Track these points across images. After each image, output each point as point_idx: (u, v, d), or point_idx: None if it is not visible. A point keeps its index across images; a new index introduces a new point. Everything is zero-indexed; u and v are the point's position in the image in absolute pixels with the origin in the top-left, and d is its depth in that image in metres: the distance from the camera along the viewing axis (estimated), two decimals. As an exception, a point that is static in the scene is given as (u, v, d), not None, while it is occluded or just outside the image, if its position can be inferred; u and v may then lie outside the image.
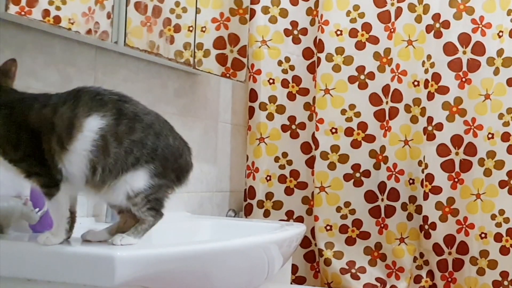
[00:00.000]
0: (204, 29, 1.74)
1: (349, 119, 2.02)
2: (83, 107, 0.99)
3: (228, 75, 1.84)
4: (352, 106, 2.02)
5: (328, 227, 2.02)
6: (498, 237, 1.97)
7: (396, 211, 2.01)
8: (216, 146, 1.97)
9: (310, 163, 2.06)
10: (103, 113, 0.99)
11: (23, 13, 1.19)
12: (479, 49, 1.98)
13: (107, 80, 1.50)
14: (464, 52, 1.99)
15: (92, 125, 0.98)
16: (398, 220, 2.02)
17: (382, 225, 2.02)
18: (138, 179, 1.00)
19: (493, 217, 1.97)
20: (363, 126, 2.02)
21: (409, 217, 2.02)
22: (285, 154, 2.06)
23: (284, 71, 2.07)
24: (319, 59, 2.02)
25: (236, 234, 1.47)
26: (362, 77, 2.03)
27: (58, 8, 1.26)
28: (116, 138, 0.99)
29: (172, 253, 1.02)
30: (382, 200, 2.03)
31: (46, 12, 1.23)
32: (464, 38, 1.99)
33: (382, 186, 2.02)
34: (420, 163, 2.00)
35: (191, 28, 1.69)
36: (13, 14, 1.18)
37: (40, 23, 1.24)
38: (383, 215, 2.02)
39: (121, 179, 1.00)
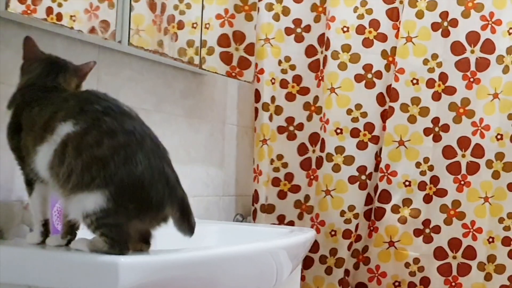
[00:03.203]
0: (207, 25, 1.70)
1: (355, 120, 1.97)
2: (63, 111, 0.96)
3: (233, 74, 1.80)
4: (358, 106, 1.97)
5: (333, 233, 1.97)
6: (506, 241, 1.93)
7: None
8: (223, 148, 1.94)
9: (305, 165, 2.01)
10: (77, 121, 0.94)
11: (21, 11, 1.17)
12: (488, 47, 1.93)
13: (110, 80, 1.48)
14: (472, 51, 1.95)
15: (63, 130, 0.94)
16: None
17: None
18: (92, 201, 0.91)
19: (500, 220, 1.93)
20: (369, 126, 1.97)
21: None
22: (280, 157, 2.01)
23: (284, 71, 2.01)
24: (325, 57, 1.98)
25: (244, 240, 1.45)
26: (369, 75, 1.98)
27: (60, 5, 1.23)
28: (76, 148, 0.93)
29: (178, 259, 1.00)
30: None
31: (47, 10, 1.21)
32: (472, 37, 1.94)
33: (388, 189, 1.98)
34: (418, 164, 1.96)
35: (195, 25, 1.65)
36: (13, 13, 1.16)
37: (41, 22, 1.22)
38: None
39: (76, 196, 0.92)
